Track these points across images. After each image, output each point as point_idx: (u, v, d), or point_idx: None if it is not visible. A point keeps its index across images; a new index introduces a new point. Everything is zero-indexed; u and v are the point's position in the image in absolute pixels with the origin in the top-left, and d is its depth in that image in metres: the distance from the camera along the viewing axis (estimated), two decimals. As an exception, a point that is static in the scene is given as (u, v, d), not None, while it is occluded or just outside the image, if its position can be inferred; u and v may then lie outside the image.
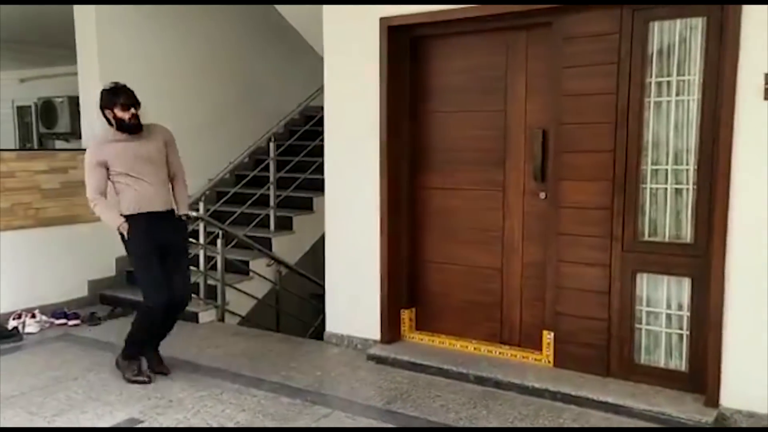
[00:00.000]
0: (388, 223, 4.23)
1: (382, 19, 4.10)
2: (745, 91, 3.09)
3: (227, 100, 6.75)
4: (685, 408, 3.27)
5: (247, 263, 5.57)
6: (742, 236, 3.16)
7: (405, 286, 4.37)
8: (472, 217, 4.16)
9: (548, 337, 3.85)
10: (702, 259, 3.32)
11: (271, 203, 5.92)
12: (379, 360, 4.16)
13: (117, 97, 3.66)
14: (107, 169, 3.70)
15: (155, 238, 3.72)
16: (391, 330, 4.32)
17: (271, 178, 5.93)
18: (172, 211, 3.87)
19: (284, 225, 6.04)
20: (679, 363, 3.49)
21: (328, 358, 4.29)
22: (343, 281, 4.48)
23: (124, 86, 3.73)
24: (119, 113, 3.66)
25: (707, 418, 3.18)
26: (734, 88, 3.11)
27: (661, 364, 3.55)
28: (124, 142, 3.71)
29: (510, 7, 3.69)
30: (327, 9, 4.37)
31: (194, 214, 4.88)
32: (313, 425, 3.24)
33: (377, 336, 4.32)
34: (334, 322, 4.53)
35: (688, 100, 3.37)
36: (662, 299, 3.54)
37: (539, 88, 3.83)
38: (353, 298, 4.42)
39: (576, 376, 3.69)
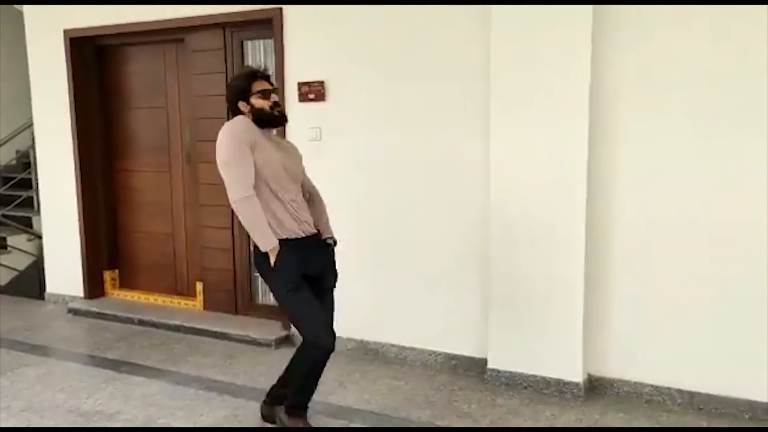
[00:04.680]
0: (84, 200, 5.15)
1: (65, 31, 4.99)
2: (291, 95, 4.18)
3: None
4: (266, 331, 4.39)
5: (4, 239, 6.37)
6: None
7: (106, 251, 5.31)
8: (152, 194, 5.14)
9: (199, 286, 4.90)
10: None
11: (33, 185, 6.69)
12: (76, 312, 5.10)
13: (251, 81, 2.85)
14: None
15: (306, 266, 2.85)
16: (93, 288, 5.26)
17: (32, 164, 6.69)
18: (318, 233, 2.98)
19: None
20: (273, 300, 4.59)
21: (39, 312, 5.19)
22: (56, 249, 5.38)
23: (257, 69, 2.93)
24: (257, 102, 2.82)
25: (275, 336, 4.30)
26: (283, 92, 4.19)
27: (270, 302, 4.64)
28: (266, 138, 2.84)
29: (153, 24, 4.64)
30: (27, 24, 5.20)
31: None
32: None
33: (82, 293, 5.26)
34: (52, 283, 5.44)
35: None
36: (268, 253, 4.64)
37: (186, 89, 4.82)
38: (64, 262, 5.33)
39: (212, 315, 4.76)
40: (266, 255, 2.78)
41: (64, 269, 5.34)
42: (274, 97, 2.86)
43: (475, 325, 3.75)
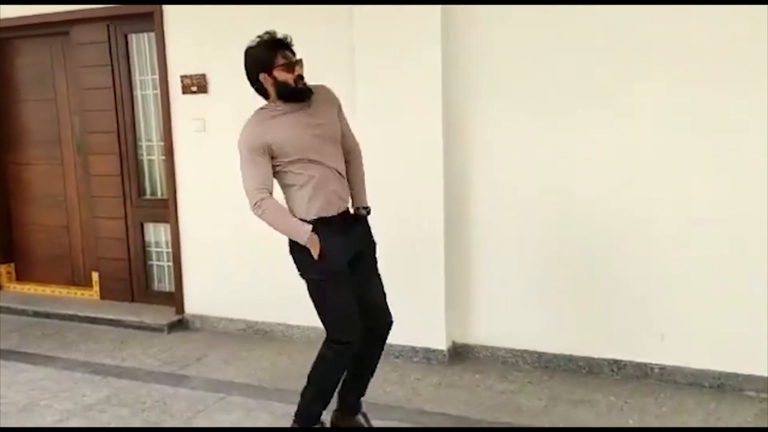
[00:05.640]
0: (-26, 194, 5.15)
1: (-50, 25, 4.95)
2: (174, 87, 4.32)
3: None
4: (159, 316, 4.54)
5: None
6: (186, 191, 4.43)
7: (0, 244, 5.31)
8: (45, 186, 5.17)
9: (95, 276, 4.99)
10: (171, 210, 4.56)
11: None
12: (-31, 307, 5.11)
13: (274, 52, 2.64)
14: (272, 157, 2.63)
15: (349, 249, 2.71)
16: (-13, 282, 5.28)
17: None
18: (348, 211, 2.81)
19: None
20: (171, 286, 4.75)
21: (-70, 309, 5.16)
22: (-52, 245, 5.35)
23: (279, 38, 2.68)
24: (280, 75, 2.63)
25: (168, 321, 4.46)
26: (167, 84, 4.33)
27: (166, 288, 4.80)
28: (289, 114, 2.66)
29: (38, 18, 4.66)
30: None
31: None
32: None
33: (-25, 288, 5.26)
34: (-54, 280, 5.41)
35: (157, 93, 4.56)
36: (161, 241, 4.78)
37: (74, 81, 4.87)
38: (-44, 258, 5.31)
39: (107, 304, 4.86)
40: (302, 247, 2.61)
41: (-43, 264, 5.32)
42: (299, 70, 2.65)
43: (352, 301, 4.02)
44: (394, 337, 3.76)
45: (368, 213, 2.87)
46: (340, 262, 2.65)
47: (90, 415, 3.23)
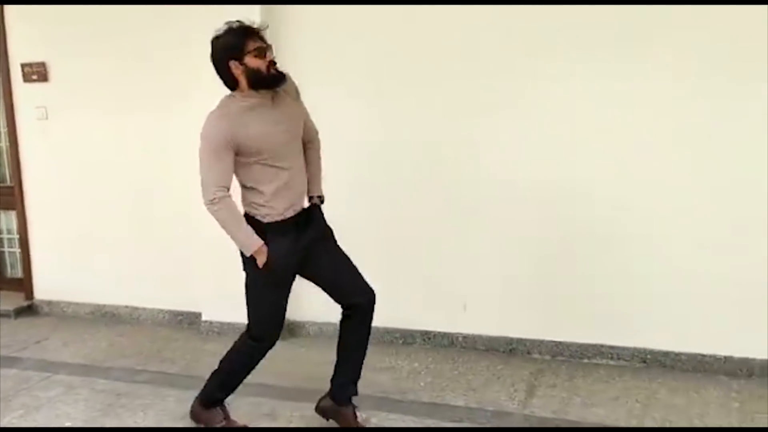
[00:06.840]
0: None
1: None
2: (15, 75, 4.36)
3: None
4: (7, 302, 4.61)
5: None
6: (31, 178, 4.49)
7: None
8: None
9: (-55, 264, 4.97)
10: (17, 197, 4.60)
11: None
12: None
13: (245, 38, 2.49)
14: (236, 153, 2.49)
15: (300, 249, 2.65)
16: None
17: None
18: (307, 208, 2.74)
19: None
20: (20, 273, 4.79)
21: None
22: None
23: (248, 24, 2.54)
24: (252, 62, 2.48)
25: (15, 306, 4.53)
26: (8, 72, 4.37)
27: (18, 275, 4.83)
28: (260, 108, 2.54)
29: None
30: None
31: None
32: None
33: None
34: None
35: (2, 81, 4.58)
36: (12, 228, 4.80)
37: None
38: None
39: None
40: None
41: None
42: (270, 56, 2.51)
43: (195, 283, 4.17)
44: (231, 317, 4.04)
45: (322, 201, 2.82)
46: (285, 267, 2.61)
47: None
